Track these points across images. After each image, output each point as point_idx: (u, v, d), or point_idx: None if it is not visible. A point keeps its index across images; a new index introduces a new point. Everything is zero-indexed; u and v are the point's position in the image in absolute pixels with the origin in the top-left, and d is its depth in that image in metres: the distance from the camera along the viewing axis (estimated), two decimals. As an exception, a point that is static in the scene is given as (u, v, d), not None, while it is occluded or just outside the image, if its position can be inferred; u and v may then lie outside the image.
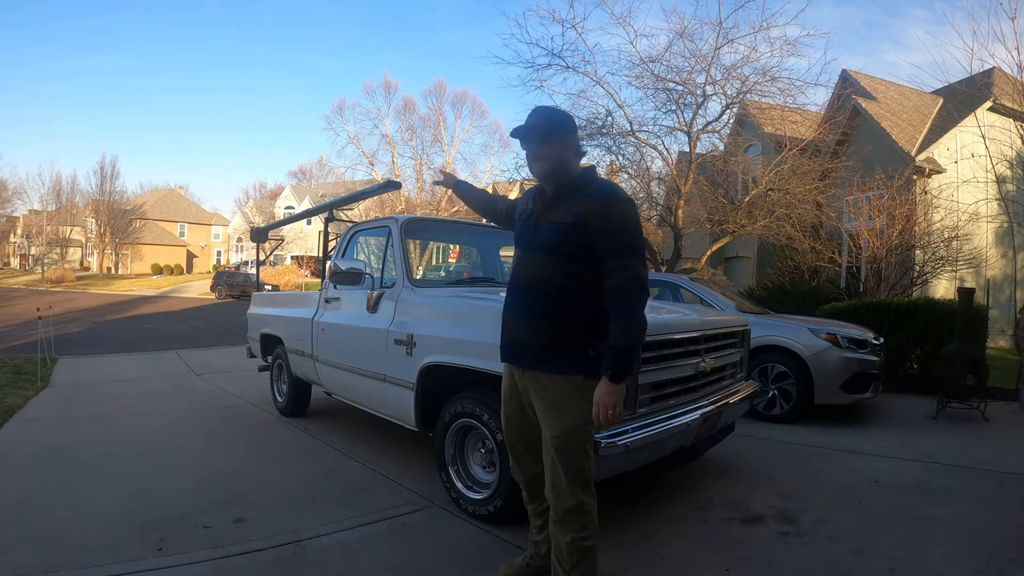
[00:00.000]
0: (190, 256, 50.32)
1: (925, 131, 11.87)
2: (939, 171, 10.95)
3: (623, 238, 1.82)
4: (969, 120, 10.81)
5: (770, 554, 2.45)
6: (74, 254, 46.44)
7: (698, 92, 10.15)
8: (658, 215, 11.58)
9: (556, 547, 1.90)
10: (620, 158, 11.10)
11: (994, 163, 10.21)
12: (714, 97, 10.37)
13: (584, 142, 10.79)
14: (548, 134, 1.88)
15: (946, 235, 9.26)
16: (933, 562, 2.39)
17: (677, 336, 2.65)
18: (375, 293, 3.48)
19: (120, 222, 44.11)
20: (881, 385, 5.24)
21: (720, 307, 5.43)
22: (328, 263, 3.81)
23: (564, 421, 1.84)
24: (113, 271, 44.80)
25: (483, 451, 2.83)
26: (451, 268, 6.63)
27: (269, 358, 5.30)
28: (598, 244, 1.80)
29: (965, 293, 5.47)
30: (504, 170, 33.50)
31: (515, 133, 1.92)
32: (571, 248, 1.83)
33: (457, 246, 6.00)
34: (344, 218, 5.67)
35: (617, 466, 2.33)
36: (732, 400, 3.06)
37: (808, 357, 4.88)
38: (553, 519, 1.90)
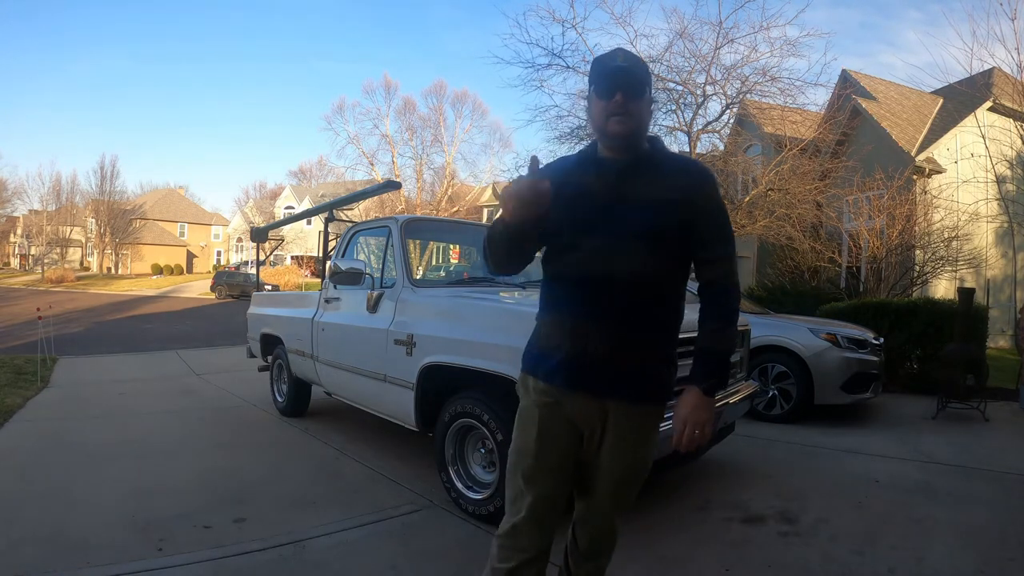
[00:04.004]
0: (190, 256, 50.32)
1: (925, 131, 11.87)
2: (939, 171, 10.95)
3: (725, 223, 1.52)
4: (969, 120, 10.81)
5: (770, 554, 2.45)
6: (74, 254, 46.45)
7: (698, 92, 10.18)
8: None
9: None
10: (620, 158, 11.10)
11: (994, 163, 10.22)
12: (714, 97, 10.42)
13: (586, 142, 10.86)
14: (645, 84, 1.43)
15: (946, 235, 9.27)
16: (933, 562, 2.39)
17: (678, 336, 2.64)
18: (375, 293, 3.48)
19: (120, 222, 44.12)
20: (881, 385, 5.24)
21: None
22: (328, 263, 3.81)
23: (642, 457, 1.52)
24: (113, 271, 44.81)
25: (483, 451, 2.83)
26: (451, 268, 6.63)
27: (269, 358, 5.30)
28: (698, 229, 1.46)
29: (965, 293, 5.47)
30: (504, 170, 33.49)
31: (611, 73, 1.40)
32: (674, 233, 1.44)
33: (457, 246, 6.00)
34: (344, 218, 5.67)
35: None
36: (732, 400, 3.06)
37: (808, 357, 4.88)
38: (593, 569, 1.65)
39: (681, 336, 1.51)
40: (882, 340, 5.41)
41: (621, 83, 1.39)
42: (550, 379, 1.47)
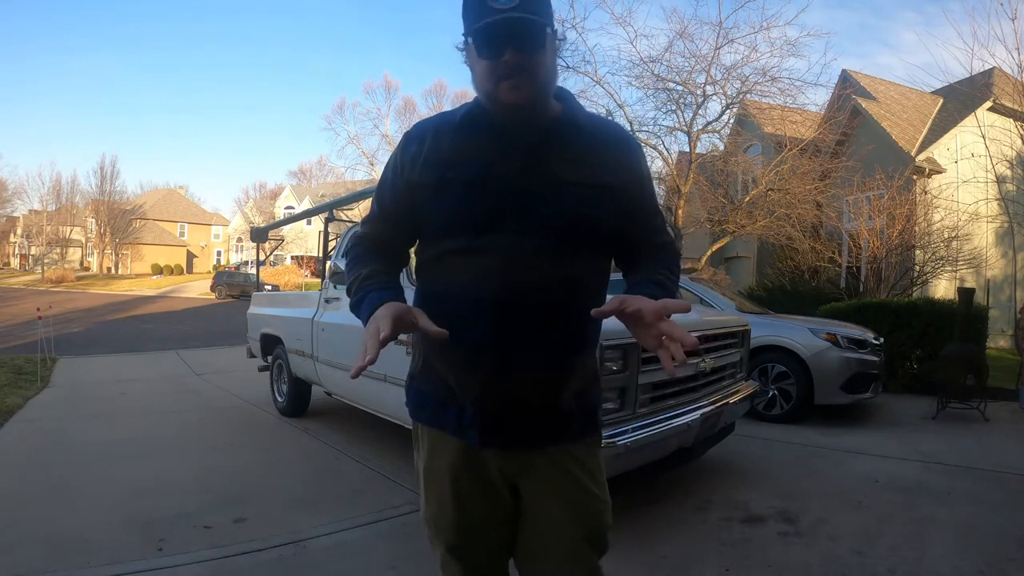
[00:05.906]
0: (190, 256, 50.31)
1: (925, 131, 11.88)
2: (939, 171, 10.95)
3: (655, 200, 1.22)
4: (969, 120, 10.81)
5: (770, 554, 2.45)
6: (74, 254, 46.46)
7: (698, 92, 10.19)
8: (658, 215, 11.62)
9: None
10: (620, 158, 11.13)
11: (994, 163, 10.21)
12: (714, 97, 10.44)
13: None
14: (544, 25, 1.01)
15: (946, 235, 9.28)
16: (933, 562, 2.39)
17: (677, 336, 2.64)
18: (375, 293, 3.48)
19: (120, 222, 44.11)
20: (881, 385, 5.24)
21: (720, 307, 5.43)
22: (328, 263, 3.82)
23: (603, 501, 1.18)
24: (113, 271, 44.81)
25: (483, 451, 2.83)
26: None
27: (269, 358, 5.30)
28: (627, 213, 1.13)
29: (965, 293, 5.47)
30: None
31: (494, 25, 0.96)
32: (611, 223, 1.11)
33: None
34: (344, 218, 5.67)
35: (617, 466, 2.33)
36: (732, 400, 3.07)
37: (808, 357, 4.88)
38: None
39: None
40: (882, 340, 5.41)
41: (510, 36, 0.97)
42: (460, 435, 1.13)
